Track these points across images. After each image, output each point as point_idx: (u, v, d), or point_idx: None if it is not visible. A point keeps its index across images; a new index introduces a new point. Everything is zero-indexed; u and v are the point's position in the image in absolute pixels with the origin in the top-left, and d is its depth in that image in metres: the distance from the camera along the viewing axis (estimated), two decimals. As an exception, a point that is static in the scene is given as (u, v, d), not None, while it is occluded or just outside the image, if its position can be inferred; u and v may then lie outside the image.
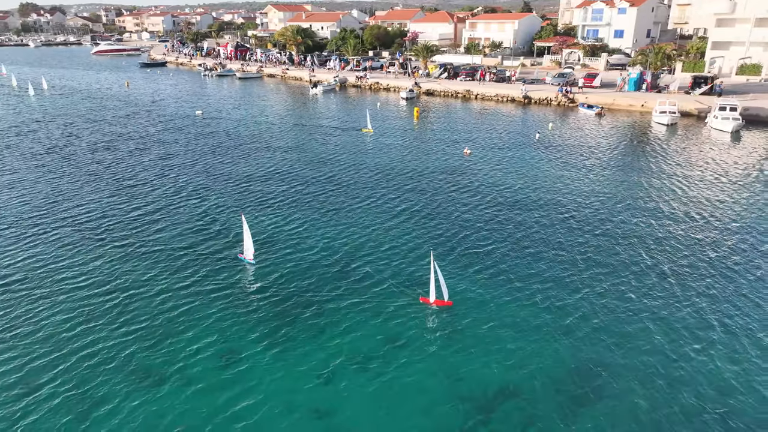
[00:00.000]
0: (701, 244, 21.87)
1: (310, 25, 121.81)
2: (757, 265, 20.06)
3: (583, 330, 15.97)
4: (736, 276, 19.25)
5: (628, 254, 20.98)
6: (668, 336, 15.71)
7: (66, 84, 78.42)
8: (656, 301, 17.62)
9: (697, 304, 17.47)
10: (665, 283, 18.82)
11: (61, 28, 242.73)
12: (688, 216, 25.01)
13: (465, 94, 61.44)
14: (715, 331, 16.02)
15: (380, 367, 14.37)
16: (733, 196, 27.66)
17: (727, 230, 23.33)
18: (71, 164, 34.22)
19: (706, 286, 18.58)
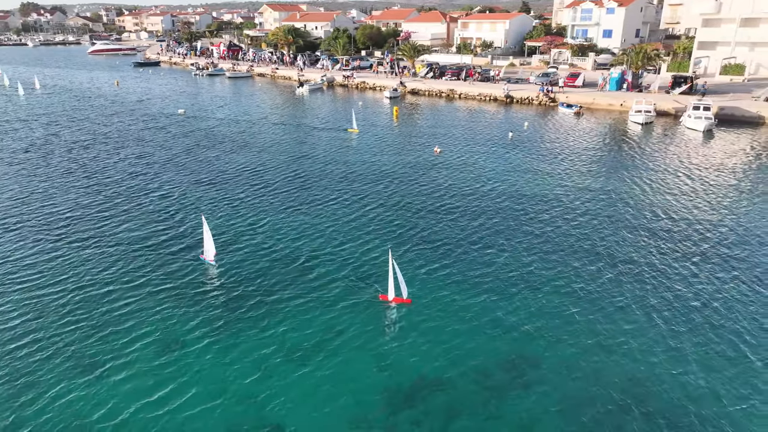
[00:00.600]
0: (657, 241, 22.30)
1: (305, 25, 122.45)
2: (702, 254, 20.51)
3: (528, 326, 16.27)
4: (683, 271, 19.70)
5: (588, 252, 21.28)
6: (616, 333, 16.02)
7: (57, 83, 79.12)
8: (613, 298, 17.93)
9: (656, 302, 17.84)
10: (622, 280, 19.17)
11: (61, 27, 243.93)
12: (649, 212, 25.47)
13: (449, 94, 61.88)
14: (660, 329, 16.46)
15: (321, 360, 14.71)
16: (696, 192, 28.14)
17: (682, 224, 23.76)
18: (45, 162, 34.80)
19: (658, 284, 18.99)
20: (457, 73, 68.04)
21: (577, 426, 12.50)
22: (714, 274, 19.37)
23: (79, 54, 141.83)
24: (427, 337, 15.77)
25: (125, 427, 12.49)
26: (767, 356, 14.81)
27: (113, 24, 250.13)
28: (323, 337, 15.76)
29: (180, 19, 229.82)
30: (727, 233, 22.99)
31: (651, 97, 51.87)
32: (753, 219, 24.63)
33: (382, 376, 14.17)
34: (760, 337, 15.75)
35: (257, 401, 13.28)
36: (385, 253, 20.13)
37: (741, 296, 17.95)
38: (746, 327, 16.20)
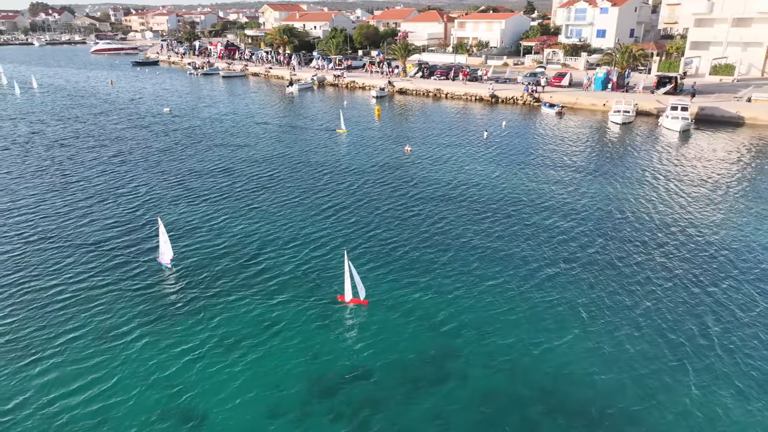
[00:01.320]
0: (606, 239, 22.55)
1: (304, 25, 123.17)
2: (650, 256, 20.74)
3: (472, 325, 16.33)
4: (626, 270, 19.96)
5: (545, 251, 21.47)
6: (553, 334, 16.27)
7: (54, 82, 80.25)
8: (566, 295, 18.26)
9: (606, 302, 18.16)
10: (574, 277, 19.47)
11: (69, 27, 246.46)
12: (609, 209, 25.71)
13: (436, 93, 62.16)
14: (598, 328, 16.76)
15: (252, 354, 14.93)
16: (660, 190, 28.38)
17: (640, 222, 23.98)
18: (21, 160, 35.51)
19: (603, 284, 19.27)
20: (446, 72, 68.29)
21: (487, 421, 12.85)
22: (656, 273, 19.61)
23: (82, 53, 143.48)
24: (369, 335, 15.92)
25: (46, 413, 12.95)
26: (680, 358, 15.04)
27: (120, 24, 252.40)
28: (262, 334, 15.89)
29: (185, 19, 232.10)
30: (680, 231, 23.19)
31: (635, 97, 51.88)
32: (712, 215, 24.80)
33: (311, 369, 14.46)
34: (677, 339, 16.01)
35: (182, 390, 13.64)
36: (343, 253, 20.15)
37: (670, 300, 18.19)
38: (670, 327, 16.45)
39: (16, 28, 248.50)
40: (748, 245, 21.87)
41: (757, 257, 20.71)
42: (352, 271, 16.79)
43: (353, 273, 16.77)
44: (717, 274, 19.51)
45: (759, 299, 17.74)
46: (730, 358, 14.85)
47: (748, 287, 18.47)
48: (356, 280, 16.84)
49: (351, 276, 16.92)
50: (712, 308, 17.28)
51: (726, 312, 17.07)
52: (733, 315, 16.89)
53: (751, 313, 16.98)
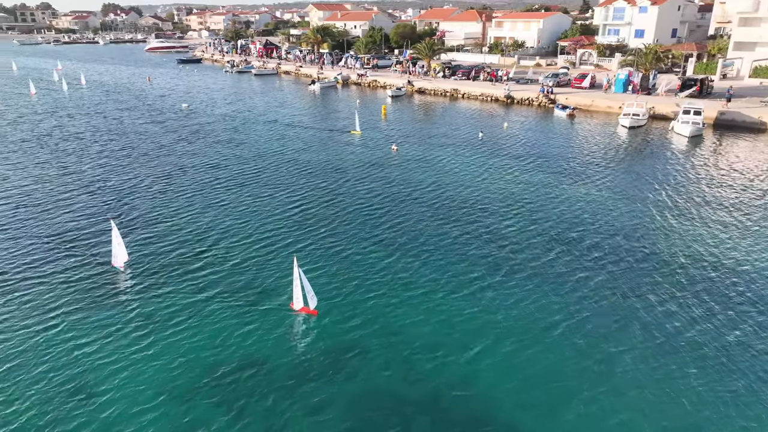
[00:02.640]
0: (565, 248, 22.05)
1: (344, 24, 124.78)
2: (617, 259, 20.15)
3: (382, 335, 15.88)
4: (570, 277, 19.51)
5: (508, 255, 21.03)
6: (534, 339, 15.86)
7: (100, 79, 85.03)
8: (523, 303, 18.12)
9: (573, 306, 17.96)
10: (528, 283, 19.29)
11: (134, 27, 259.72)
12: (587, 219, 24.98)
13: (453, 93, 61.69)
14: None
15: (160, 347, 15.21)
16: (651, 200, 27.26)
17: (609, 233, 23.27)
18: (23, 153, 38.05)
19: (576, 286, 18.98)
20: (468, 72, 67.56)
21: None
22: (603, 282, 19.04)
23: (139, 51, 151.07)
24: (307, 345, 15.52)
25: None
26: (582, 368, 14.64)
27: (181, 23, 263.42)
28: (197, 336, 15.66)
29: (240, 19, 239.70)
30: (652, 244, 22.32)
31: (656, 100, 49.68)
32: (696, 231, 23.69)
33: (212, 362, 14.60)
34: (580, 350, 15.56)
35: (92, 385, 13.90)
36: (301, 259, 19.41)
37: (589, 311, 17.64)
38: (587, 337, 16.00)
39: (87, 27, 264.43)
40: (739, 267, 20.77)
41: (749, 279, 19.35)
42: (301, 278, 15.96)
43: (303, 280, 15.96)
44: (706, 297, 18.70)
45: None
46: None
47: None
48: (306, 288, 16.00)
49: (301, 283, 16.06)
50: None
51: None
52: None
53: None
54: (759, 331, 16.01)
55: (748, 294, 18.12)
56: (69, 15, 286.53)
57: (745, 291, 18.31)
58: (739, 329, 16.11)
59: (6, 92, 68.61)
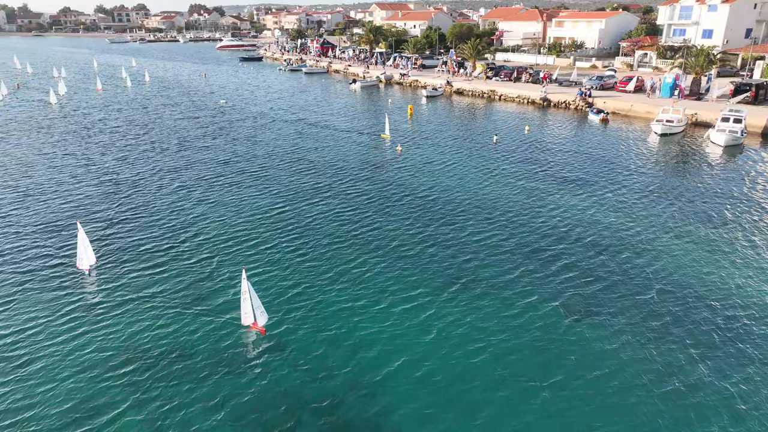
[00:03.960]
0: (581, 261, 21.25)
1: (404, 24, 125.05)
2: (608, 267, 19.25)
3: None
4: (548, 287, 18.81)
5: (489, 271, 20.53)
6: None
7: (164, 76, 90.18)
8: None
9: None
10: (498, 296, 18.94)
11: (215, 26, 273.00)
12: (589, 236, 23.93)
13: (490, 95, 60.27)
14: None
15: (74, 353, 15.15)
16: (656, 219, 25.56)
17: (612, 249, 22.15)
18: (54, 145, 41.06)
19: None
20: (510, 74, 65.69)
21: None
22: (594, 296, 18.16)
23: (211, 49, 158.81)
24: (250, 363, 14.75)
25: None
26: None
27: (258, 23, 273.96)
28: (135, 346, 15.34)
29: (312, 18, 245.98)
30: (653, 255, 21.01)
31: (704, 105, 46.12)
32: (705, 249, 22.05)
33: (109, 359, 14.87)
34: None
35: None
36: (264, 269, 19.13)
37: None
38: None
39: (173, 26, 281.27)
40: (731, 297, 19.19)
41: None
42: (251, 292, 15.17)
43: (252, 295, 15.19)
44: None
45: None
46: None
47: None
48: (255, 304, 15.24)
49: (250, 298, 15.22)
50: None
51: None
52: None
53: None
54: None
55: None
56: (158, 15, 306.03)
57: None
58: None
59: (77, 87, 74.24)
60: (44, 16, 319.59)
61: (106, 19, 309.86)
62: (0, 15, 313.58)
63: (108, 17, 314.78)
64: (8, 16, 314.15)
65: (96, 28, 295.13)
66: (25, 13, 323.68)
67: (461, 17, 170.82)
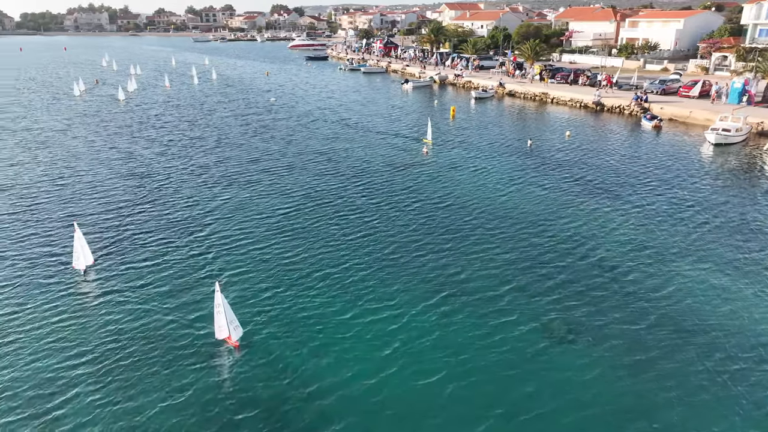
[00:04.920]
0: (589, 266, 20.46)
1: (472, 24, 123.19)
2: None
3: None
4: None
5: (462, 279, 20.28)
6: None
7: (229, 74, 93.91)
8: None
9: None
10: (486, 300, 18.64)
11: (293, 26, 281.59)
12: (601, 239, 22.84)
13: (542, 98, 58.08)
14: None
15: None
16: (683, 237, 23.88)
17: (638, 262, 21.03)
18: (104, 138, 43.73)
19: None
20: (567, 76, 62.89)
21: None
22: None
23: (282, 49, 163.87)
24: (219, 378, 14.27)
25: None
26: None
27: (334, 23, 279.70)
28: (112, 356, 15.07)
29: (387, 18, 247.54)
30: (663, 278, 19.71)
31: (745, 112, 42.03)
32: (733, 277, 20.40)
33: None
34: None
35: None
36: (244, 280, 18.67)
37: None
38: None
39: (255, 26, 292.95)
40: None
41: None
42: (224, 305, 14.75)
43: (226, 308, 14.78)
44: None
45: None
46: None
47: None
48: (228, 318, 14.84)
49: (224, 311, 14.80)
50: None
51: None
52: None
53: None
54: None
55: None
56: (241, 15, 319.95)
57: None
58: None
59: (149, 84, 78.97)
60: (141, 17, 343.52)
61: (194, 19, 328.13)
62: (103, 16, 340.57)
63: (197, 17, 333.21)
64: (111, 17, 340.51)
65: (185, 27, 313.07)
66: (125, 14, 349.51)
67: (539, 17, 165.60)
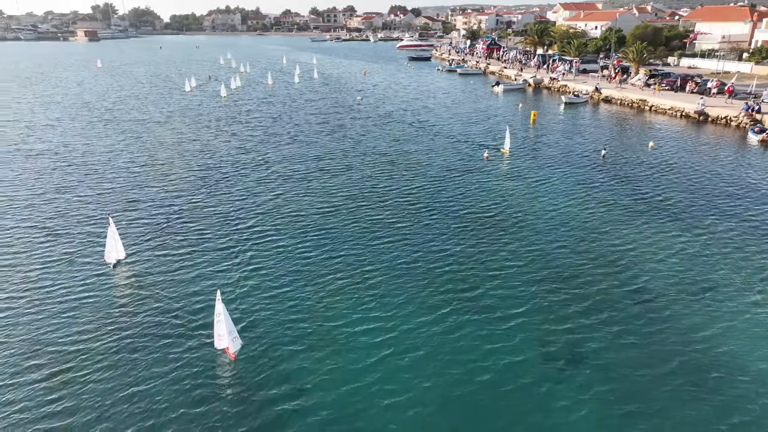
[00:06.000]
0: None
1: (585, 24, 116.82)
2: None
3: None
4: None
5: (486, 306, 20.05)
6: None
7: (330, 73, 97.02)
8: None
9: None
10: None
11: (408, 26, 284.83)
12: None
13: (640, 105, 53.67)
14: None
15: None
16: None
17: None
18: (192, 131, 47.05)
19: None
20: (672, 82, 57.36)
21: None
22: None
23: (391, 49, 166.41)
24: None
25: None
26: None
27: (449, 23, 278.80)
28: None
29: (503, 19, 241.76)
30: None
31: None
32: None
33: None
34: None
35: None
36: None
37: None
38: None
39: (371, 26, 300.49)
40: None
41: None
42: (224, 315, 14.53)
43: (226, 318, 14.55)
44: None
45: None
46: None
47: None
48: (228, 328, 14.62)
49: (224, 321, 14.55)
50: None
51: None
52: None
53: None
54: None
55: None
56: (360, 16, 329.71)
57: None
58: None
59: (254, 81, 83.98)
60: (269, 18, 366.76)
61: (316, 20, 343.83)
62: (236, 17, 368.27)
63: (318, 18, 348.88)
64: (243, 18, 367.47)
65: (307, 27, 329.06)
66: (255, 15, 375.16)
67: (671, 18, 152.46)
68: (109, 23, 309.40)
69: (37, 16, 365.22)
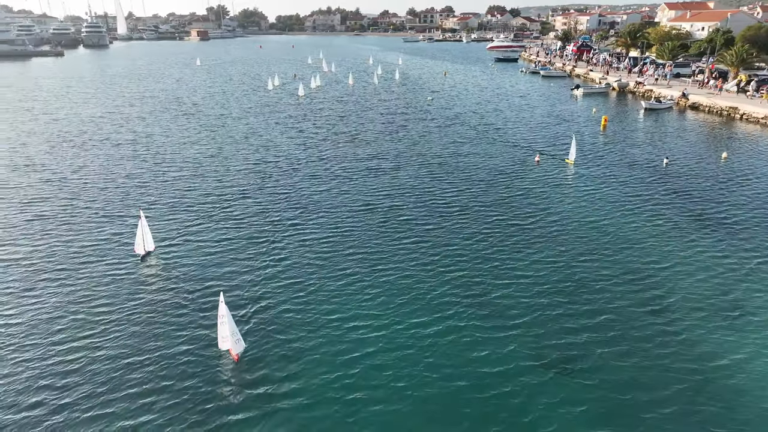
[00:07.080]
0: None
1: (691, 25, 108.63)
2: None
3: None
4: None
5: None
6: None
7: (411, 73, 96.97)
8: None
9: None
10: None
11: (505, 27, 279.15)
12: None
13: (729, 112, 49.35)
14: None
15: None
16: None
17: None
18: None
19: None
20: None
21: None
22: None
23: (481, 50, 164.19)
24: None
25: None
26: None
27: (548, 23, 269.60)
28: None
29: (606, 19, 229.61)
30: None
31: None
32: None
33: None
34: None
35: None
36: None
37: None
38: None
39: (467, 27, 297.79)
40: None
41: None
42: (228, 316, 14.49)
43: (229, 320, 14.49)
44: None
45: None
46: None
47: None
48: (231, 330, 14.57)
49: (228, 322, 14.53)
50: None
51: None
52: None
53: None
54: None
55: None
56: (456, 17, 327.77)
57: None
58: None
59: (335, 80, 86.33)
60: (366, 19, 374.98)
61: (412, 21, 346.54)
62: (336, 18, 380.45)
63: (415, 19, 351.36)
64: (342, 19, 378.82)
65: (403, 28, 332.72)
66: (354, 15, 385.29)
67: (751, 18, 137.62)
68: (220, 24, 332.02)
69: (160, 17, 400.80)
